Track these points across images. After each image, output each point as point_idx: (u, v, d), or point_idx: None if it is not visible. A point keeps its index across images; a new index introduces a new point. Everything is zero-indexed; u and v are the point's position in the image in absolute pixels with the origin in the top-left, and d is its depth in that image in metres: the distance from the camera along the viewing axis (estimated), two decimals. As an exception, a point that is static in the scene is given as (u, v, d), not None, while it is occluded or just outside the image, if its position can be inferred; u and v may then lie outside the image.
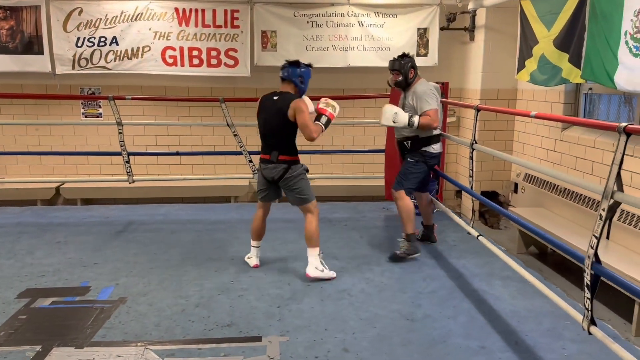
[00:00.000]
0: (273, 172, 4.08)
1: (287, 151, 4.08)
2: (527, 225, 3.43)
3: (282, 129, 4.03)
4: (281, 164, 4.06)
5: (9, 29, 6.52)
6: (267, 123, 4.09)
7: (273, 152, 4.05)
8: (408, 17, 6.93)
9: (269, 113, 4.06)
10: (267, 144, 4.12)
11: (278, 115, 3.99)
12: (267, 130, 4.10)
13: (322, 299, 3.74)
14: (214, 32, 6.73)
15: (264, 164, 4.13)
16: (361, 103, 7.34)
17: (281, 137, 4.06)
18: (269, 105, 4.07)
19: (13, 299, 3.64)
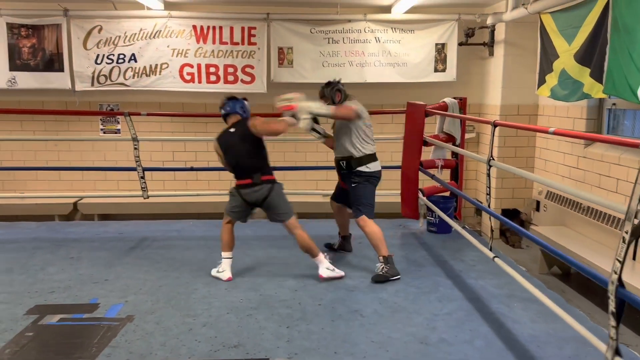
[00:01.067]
0: (258, 194, 4.15)
1: (267, 171, 4.22)
2: (547, 246, 3.28)
3: (254, 153, 4.16)
4: (265, 184, 4.15)
5: (30, 46, 6.65)
6: (237, 155, 4.17)
7: (255, 175, 4.13)
8: (425, 32, 6.88)
9: (234, 146, 4.17)
10: (244, 171, 4.17)
11: (244, 142, 4.14)
12: (241, 160, 4.16)
13: (333, 319, 3.62)
14: (231, 49, 6.76)
15: (244, 189, 4.17)
16: (378, 119, 7.23)
17: (256, 160, 4.18)
18: (230, 140, 4.20)
19: (21, 316, 3.61)
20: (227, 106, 4.30)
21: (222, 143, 4.27)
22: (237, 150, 4.17)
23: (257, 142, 4.18)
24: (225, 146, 4.24)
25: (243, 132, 4.15)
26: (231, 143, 4.20)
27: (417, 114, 5.60)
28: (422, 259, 4.90)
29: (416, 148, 5.62)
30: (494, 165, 3.86)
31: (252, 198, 4.18)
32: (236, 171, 4.24)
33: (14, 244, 5.22)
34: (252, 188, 4.14)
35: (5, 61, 6.62)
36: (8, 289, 4.08)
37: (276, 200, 4.20)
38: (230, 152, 4.21)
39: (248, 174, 4.15)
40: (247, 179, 4.15)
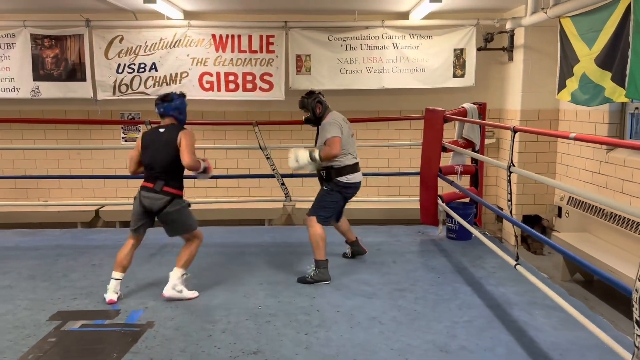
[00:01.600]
0: (154, 203, 3.97)
1: (173, 184, 4.01)
2: (568, 253, 3.23)
3: (170, 161, 3.96)
4: (164, 195, 3.96)
5: (54, 57, 6.78)
6: (154, 155, 3.99)
7: (158, 182, 3.96)
8: (444, 38, 6.85)
9: (156, 145, 4.00)
10: (152, 174, 4.01)
11: (167, 147, 3.96)
12: (155, 162, 3.99)
13: (351, 326, 3.61)
14: (250, 57, 6.81)
15: (145, 192, 3.99)
16: (396, 125, 7.25)
17: (169, 169, 3.99)
18: (156, 139, 4.03)
19: (44, 322, 3.67)
20: (160, 107, 4.10)
21: (145, 139, 4.10)
22: (155, 152, 4.00)
23: (178, 154, 3.95)
24: (147, 143, 4.06)
25: (169, 139, 3.97)
26: (154, 142, 4.03)
27: (435, 120, 5.58)
28: (442, 266, 4.86)
29: (435, 154, 5.59)
30: (515, 172, 3.82)
31: (148, 204, 3.98)
32: (147, 170, 4.07)
33: (38, 251, 5.31)
34: (150, 193, 3.97)
35: (29, 71, 6.76)
36: (31, 295, 4.16)
37: (173, 214, 4.01)
38: (148, 150, 4.03)
39: (153, 178, 3.99)
40: (150, 182, 4.00)
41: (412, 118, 6.69)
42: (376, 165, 7.41)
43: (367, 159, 7.39)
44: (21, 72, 6.77)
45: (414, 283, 4.42)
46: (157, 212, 4.01)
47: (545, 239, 3.53)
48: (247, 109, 7.08)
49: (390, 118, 6.95)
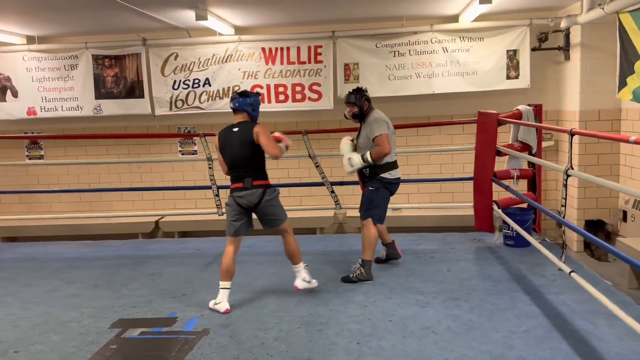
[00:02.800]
0: (250, 198, 4.07)
1: (261, 176, 4.14)
2: (632, 261, 3.06)
3: (251, 156, 4.09)
4: (257, 189, 4.08)
5: (113, 75, 7.11)
6: (234, 154, 4.11)
7: (246, 180, 4.07)
8: (496, 39, 6.69)
9: (233, 145, 4.10)
10: (237, 174, 4.13)
11: (243, 144, 4.07)
12: (236, 161, 4.11)
13: (404, 335, 3.56)
14: (298, 68, 6.90)
15: (237, 192, 4.10)
16: (448, 129, 7.13)
17: (251, 164, 4.10)
18: (230, 138, 4.13)
19: (106, 329, 3.83)
20: (236, 101, 4.19)
21: (221, 139, 4.21)
22: (234, 151, 4.11)
23: (256, 148, 4.08)
24: (223, 144, 4.18)
25: (244, 136, 4.07)
26: (230, 142, 4.13)
27: (489, 123, 5.45)
28: (498, 274, 4.71)
29: (489, 158, 5.46)
30: (573, 175, 3.66)
31: (243, 202, 4.09)
32: (230, 173, 4.20)
33: (100, 261, 5.55)
34: (242, 192, 4.08)
35: (92, 90, 7.12)
36: (94, 303, 4.35)
37: (268, 205, 4.13)
38: (227, 150, 4.15)
39: (240, 177, 4.10)
40: (239, 182, 4.10)
41: (464, 122, 6.56)
42: (428, 171, 7.31)
43: (418, 165, 7.33)
44: (84, 91, 7.14)
45: (469, 292, 4.31)
46: (255, 207, 4.14)
47: (607, 245, 3.36)
48: (297, 119, 7.16)
49: (441, 123, 6.82)
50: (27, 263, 5.55)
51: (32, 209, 7.66)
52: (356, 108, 4.70)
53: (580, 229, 3.59)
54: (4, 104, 7.20)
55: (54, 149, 7.62)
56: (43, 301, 4.42)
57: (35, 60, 7.08)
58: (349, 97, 4.75)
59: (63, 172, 7.65)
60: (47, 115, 7.23)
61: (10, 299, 4.50)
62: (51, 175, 7.65)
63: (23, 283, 4.89)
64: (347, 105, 4.76)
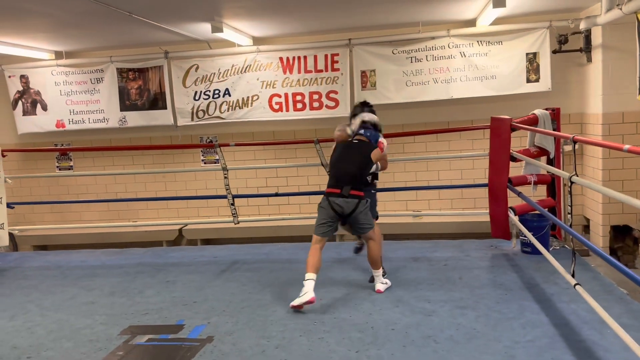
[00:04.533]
0: (345, 206, 4.29)
1: (359, 187, 4.37)
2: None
3: (360, 167, 4.43)
4: (353, 199, 4.30)
5: (137, 88, 7.34)
6: (343, 159, 4.45)
7: (345, 187, 4.30)
8: (515, 42, 6.59)
9: (347, 151, 4.48)
10: (338, 179, 4.38)
11: (358, 154, 4.46)
12: (343, 167, 4.42)
13: (404, 345, 3.53)
14: (316, 77, 6.96)
15: (334, 197, 4.32)
16: (468, 135, 7.04)
17: (357, 175, 4.39)
18: (349, 146, 4.54)
19: (116, 336, 3.94)
20: (368, 132, 4.62)
21: (339, 143, 4.62)
22: (346, 156, 4.45)
23: (368, 162, 4.46)
24: (340, 147, 4.55)
25: (363, 151, 4.46)
26: (346, 148, 4.51)
27: (502, 129, 5.35)
28: (510, 282, 4.61)
29: (502, 164, 5.35)
30: (577, 182, 3.56)
31: (339, 208, 4.30)
32: (332, 176, 4.45)
33: (121, 269, 5.72)
34: (341, 199, 4.29)
35: (117, 103, 7.37)
36: (108, 311, 4.48)
37: (361, 215, 4.35)
38: (340, 153, 4.50)
39: (340, 184, 4.33)
40: (337, 188, 4.33)
41: (476, 128, 6.49)
42: (449, 177, 7.23)
43: (439, 171, 7.27)
44: (109, 103, 7.39)
45: (478, 300, 4.24)
46: (349, 214, 4.35)
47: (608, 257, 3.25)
48: (316, 127, 7.21)
49: (462, 128, 6.72)
50: (51, 271, 5.76)
51: (63, 218, 7.96)
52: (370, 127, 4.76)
53: (583, 238, 3.48)
54: (35, 117, 7.53)
55: (83, 159, 7.91)
56: (61, 308, 4.58)
57: (63, 74, 7.39)
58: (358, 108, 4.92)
59: (92, 182, 7.93)
60: (75, 128, 7.52)
61: (31, 305, 4.68)
62: (80, 185, 7.94)
63: (44, 291, 5.09)
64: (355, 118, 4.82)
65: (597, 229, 6.28)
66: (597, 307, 3.26)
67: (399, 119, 7.17)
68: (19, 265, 6.07)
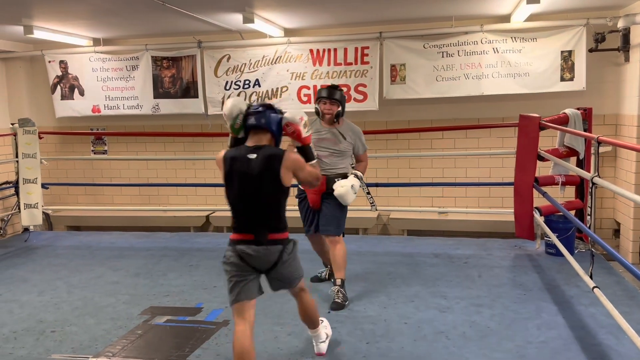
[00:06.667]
0: (263, 260, 2.88)
1: (279, 227, 2.94)
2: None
3: (271, 198, 2.90)
4: (274, 246, 2.89)
5: (170, 76, 7.49)
6: (246, 193, 2.87)
7: (261, 231, 2.87)
8: (550, 40, 6.44)
9: (248, 178, 2.84)
10: (247, 220, 2.90)
11: (264, 180, 2.85)
12: (250, 203, 2.88)
13: (415, 339, 3.55)
14: (345, 70, 6.96)
15: (244, 246, 2.86)
16: (498, 132, 6.92)
17: (270, 209, 2.91)
18: (247, 167, 2.84)
19: (136, 315, 4.08)
20: (262, 117, 2.94)
21: (230, 165, 2.89)
22: (250, 186, 2.86)
23: (281, 191, 2.93)
24: (232, 172, 2.88)
25: (268, 166, 2.84)
26: (244, 172, 2.85)
27: (530, 127, 5.26)
28: (530, 283, 4.55)
29: (529, 163, 5.27)
30: (598, 183, 3.49)
31: (254, 262, 2.88)
32: (237, 217, 2.95)
33: (147, 252, 5.89)
34: (255, 247, 2.86)
35: (150, 90, 7.54)
36: (132, 291, 4.64)
37: (287, 267, 2.96)
38: (237, 183, 2.88)
39: (251, 226, 2.88)
40: (248, 233, 2.88)
41: (504, 125, 6.40)
42: (477, 175, 7.14)
43: (466, 168, 7.19)
44: (144, 91, 7.57)
45: (495, 299, 4.21)
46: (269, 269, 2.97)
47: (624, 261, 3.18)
48: (343, 120, 7.20)
49: (492, 125, 6.62)
50: (80, 251, 5.98)
51: (96, 201, 8.22)
52: (339, 107, 4.13)
53: (601, 240, 3.40)
54: (72, 102, 7.78)
55: (117, 144, 8.14)
56: (87, 287, 4.77)
57: (100, 61, 7.60)
58: (333, 92, 4.12)
59: (124, 166, 8.15)
60: (110, 113, 7.73)
61: (59, 282, 4.88)
62: (114, 169, 8.17)
63: (73, 269, 5.29)
64: (327, 101, 4.12)
65: (628, 234, 6.12)
66: (614, 312, 3.20)
67: (428, 114, 7.12)
68: (52, 244, 6.32)
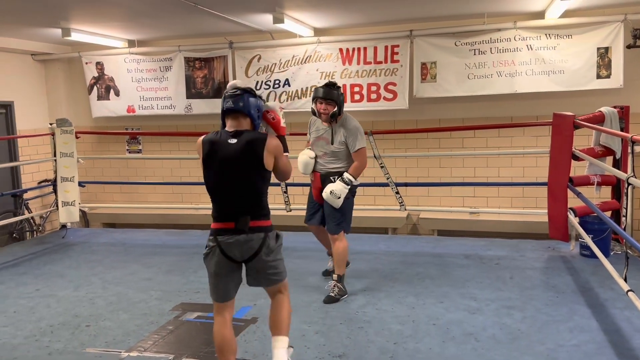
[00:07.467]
0: (245, 248, 2.82)
1: (261, 213, 2.88)
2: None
3: (253, 184, 2.85)
4: (255, 233, 2.82)
5: (203, 77, 7.61)
6: (226, 178, 2.84)
7: (241, 219, 2.80)
8: (586, 36, 6.28)
9: (228, 163, 2.82)
10: (227, 206, 2.85)
11: (247, 165, 2.82)
12: (229, 189, 2.84)
13: (444, 340, 3.52)
14: (375, 68, 6.94)
15: (224, 236, 2.81)
16: (532, 131, 6.79)
17: (252, 195, 2.86)
18: (226, 151, 2.82)
19: (168, 311, 4.17)
20: (240, 100, 2.89)
21: (209, 149, 2.87)
22: (230, 171, 2.83)
23: (263, 176, 2.89)
24: (210, 157, 2.86)
25: (249, 151, 2.82)
26: (224, 158, 2.83)
27: (564, 126, 5.14)
28: (564, 285, 4.46)
29: (564, 163, 5.15)
30: (634, 184, 3.39)
31: (234, 251, 2.83)
32: (217, 204, 2.90)
33: (179, 249, 6.00)
34: (235, 236, 2.80)
35: (183, 90, 7.67)
36: (164, 287, 4.74)
37: (270, 260, 2.91)
38: (217, 169, 2.86)
39: (233, 213, 2.82)
40: (229, 221, 2.83)
41: (537, 124, 6.27)
42: (510, 174, 7.02)
43: (499, 167, 7.08)
44: (177, 91, 7.71)
45: (527, 301, 4.13)
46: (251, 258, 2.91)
47: None
48: (373, 119, 7.20)
49: (526, 124, 6.48)
50: (115, 247, 6.14)
51: (131, 199, 8.41)
52: (335, 107, 4.13)
53: (634, 241, 3.30)
54: (108, 102, 7.98)
55: (151, 144, 8.31)
56: (121, 283, 4.89)
57: (134, 62, 7.77)
58: (329, 92, 4.10)
59: (158, 165, 8.31)
60: (144, 113, 7.90)
61: (95, 279, 5.02)
62: (148, 168, 8.35)
63: (108, 265, 5.43)
64: (322, 101, 4.12)
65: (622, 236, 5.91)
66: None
67: (459, 112, 7.04)
68: (88, 241, 6.50)
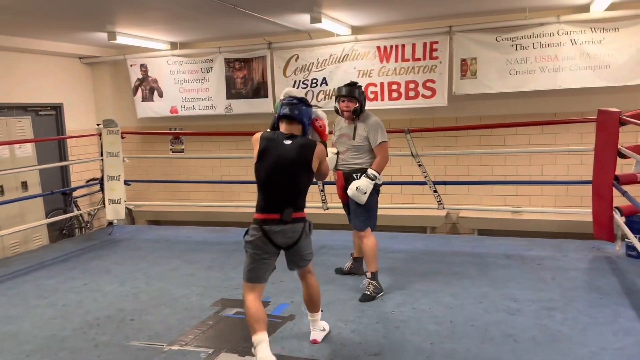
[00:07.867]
0: (289, 236, 3.24)
1: (301, 206, 3.32)
2: None
3: (299, 182, 3.26)
4: (297, 223, 3.26)
5: (242, 77, 7.73)
6: (278, 173, 3.20)
7: (286, 210, 3.19)
8: (633, 29, 6.07)
9: (281, 160, 3.20)
10: (277, 198, 3.22)
11: (297, 165, 3.22)
12: (279, 182, 3.21)
13: (482, 341, 3.48)
14: (413, 66, 6.89)
15: (271, 226, 3.19)
16: (577, 128, 6.60)
17: (298, 191, 3.28)
18: (282, 150, 3.21)
19: (208, 306, 4.27)
20: (296, 109, 3.29)
21: (266, 145, 3.25)
22: (281, 168, 3.21)
23: (310, 176, 3.33)
24: (266, 151, 3.24)
25: (301, 154, 3.22)
26: (280, 155, 3.21)
27: (609, 122, 4.98)
28: (608, 286, 4.32)
29: (609, 161, 4.99)
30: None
31: (279, 240, 3.24)
32: (266, 196, 3.25)
33: (220, 246, 6.13)
34: (282, 226, 3.21)
35: (224, 91, 7.81)
36: (205, 283, 4.85)
37: (307, 244, 3.38)
38: (271, 163, 3.21)
39: (279, 206, 3.20)
40: (275, 212, 3.20)
41: (581, 120, 6.08)
42: (554, 172, 6.85)
43: (542, 165, 6.92)
44: (217, 92, 7.86)
45: (569, 303, 4.03)
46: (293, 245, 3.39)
47: None
48: (412, 117, 7.15)
49: (571, 120, 6.28)
50: (159, 244, 6.32)
51: (174, 197, 8.63)
52: (357, 104, 4.29)
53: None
54: (152, 104, 8.21)
55: (193, 143, 8.50)
56: (164, 278, 5.04)
57: (177, 64, 7.96)
58: (351, 90, 4.30)
59: (200, 164, 8.49)
60: (186, 114, 8.09)
61: (139, 274, 5.19)
62: (190, 167, 8.55)
63: (151, 261, 5.61)
64: (345, 99, 4.31)
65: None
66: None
67: (501, 109, 6.91)
68: (133, 237, 6.72)
